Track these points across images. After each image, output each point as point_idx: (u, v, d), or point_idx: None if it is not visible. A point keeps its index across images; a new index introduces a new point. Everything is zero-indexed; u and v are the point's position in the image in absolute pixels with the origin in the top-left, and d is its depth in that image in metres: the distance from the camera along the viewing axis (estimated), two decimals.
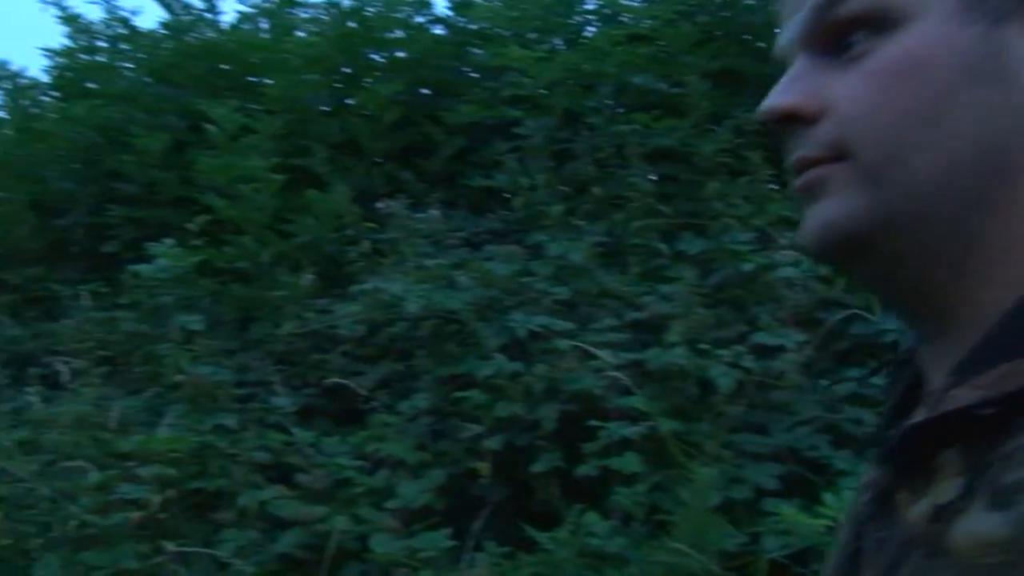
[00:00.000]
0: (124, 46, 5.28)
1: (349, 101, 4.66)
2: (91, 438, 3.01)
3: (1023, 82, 0.54)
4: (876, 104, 0.55)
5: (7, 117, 5.57)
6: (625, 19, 4.67)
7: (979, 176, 0.54)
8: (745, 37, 4.33)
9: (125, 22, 5.24)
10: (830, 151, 0.57)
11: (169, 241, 3.79)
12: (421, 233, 3.78)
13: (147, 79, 5.02)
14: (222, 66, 4.98)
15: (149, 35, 5.22)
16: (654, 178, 3.91)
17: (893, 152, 0.55)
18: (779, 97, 0.59)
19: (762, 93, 0.61)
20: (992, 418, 0.49)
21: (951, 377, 0.53)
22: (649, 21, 4.40)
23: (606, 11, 4.78)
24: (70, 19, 5.27)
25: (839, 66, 0.58)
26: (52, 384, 3.52)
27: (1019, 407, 0.48)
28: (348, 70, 4.81)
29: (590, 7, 4.78)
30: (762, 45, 4.25)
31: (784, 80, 0.60)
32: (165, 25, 5.20)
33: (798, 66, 0.59)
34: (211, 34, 5.20)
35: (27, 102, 5.45)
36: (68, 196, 4.73)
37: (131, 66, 5.21)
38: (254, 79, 4.82)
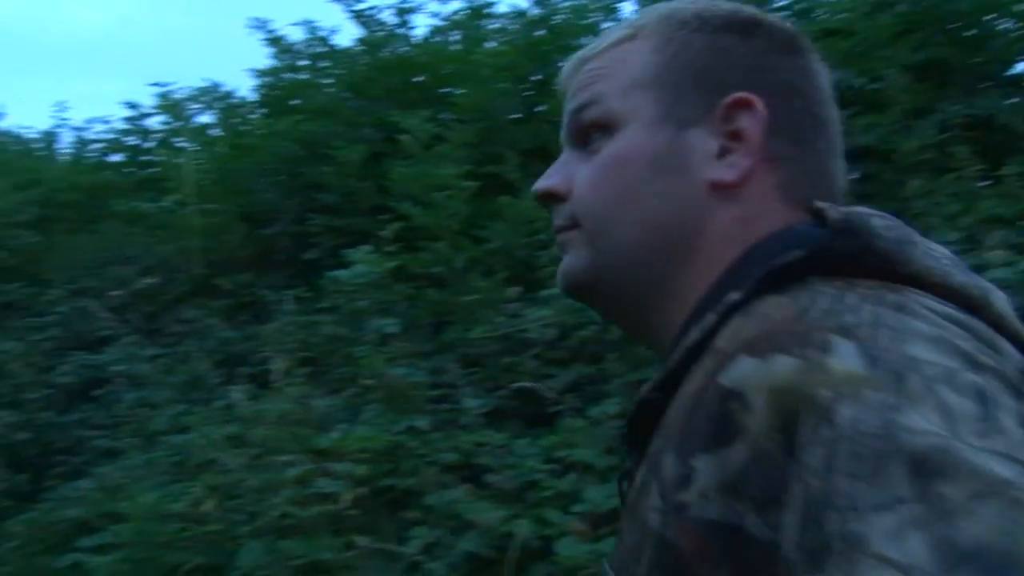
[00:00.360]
0: (324, 63, 5.54)
1: (539, 108, 4.71)
2: (293, 435, 3.16)
3: (695, 173, 0.72)
4: (594, 187, 0.75)
5: (220, 135, 5.96)
6: (819, 14, 4.51)
7: (663, 241, 0.72)
8: (950, 26, 4.08)
9: (324, 41, 5.50)
10: (569, 221, 0.77)
11: (366, 248, 3.92)
12: None
13: (345, 94, 5.25)
14: (415, 78, 5.15)
15: (346, 52, 5.46)
16: (855, 176, 3.75)
17: (602, 224, 0.74)
18: (543, 181, 0.78)
19: (970, 84, 0.60)
20: (658, 406, 0.66)
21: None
22: (844, 15, 4.22)
23: (799, 6, 4.62)
24: (274, 41, 5.58)
25: (585, 158, 0.77)
26: (260, 383, 3.72)
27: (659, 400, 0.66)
28: (537, 77, 4.86)
29: (782, 3, 4.64)
30: (970, 34, 4.00)
31: (552, 167, 0.79)
32: (361, 41, 5.42)
33: (562, 157, 0.79)
34: (404, 48, 5.38)
35: (237, 120, 5.81)
36: (274, 207, 5.00)
37: (330, 82, 5.46)
38: (446, 90, 4.95)
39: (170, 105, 6.43)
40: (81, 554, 3.19)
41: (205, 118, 6.32)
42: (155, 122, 6.72)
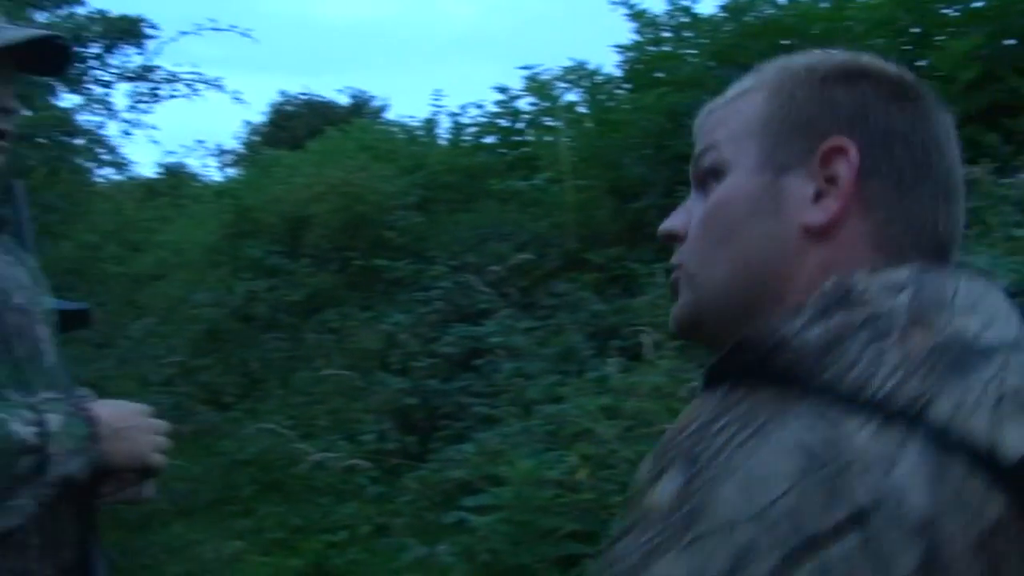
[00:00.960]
0: (687, 34, 5.47)
1: (920, 63, 4.33)
2: (666, 407, 3.14)
3: (791, 217, 0.72)
4: (698, 230, 0.77)
5: (587, 112, 6.08)
6: None
7: (754, 282, 0.73)
8: None
9: (687, 11, 5.43)
10: (679, 261, 0.79)
11: None
12: (1009, 200, 3.37)
13: (710, 63, 5.14)
14: (783, 41, 4.92)
15: (710, 20, 5.35)
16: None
17: (701, 265, 0.76)
18: (667, 222, 0.81)
19: None
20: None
21: None
22: None
23: None
24: (637, 15, 5.59)
25: (703, 201, 0.78)
26: (632, 355, 3.74)
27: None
28: (917, 29, 4.48)
29: None
30: None
31: (678, 208, 0.81)
32: (725, 8, 5.28)
33: (689, 199, 0.80)
34: (770, 11, 5.17)
35: (603, 96, 5.89)
36: (642, 180, 5.02)
37: (694, 52, 5.38)
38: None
39: (538, 86, 6.67)
40: (465, 512, 3.38)
41: (572, 97, 6.50)
42: (525, 104, 7.02)
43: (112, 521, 1.77)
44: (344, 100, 18.59)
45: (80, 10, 4.42)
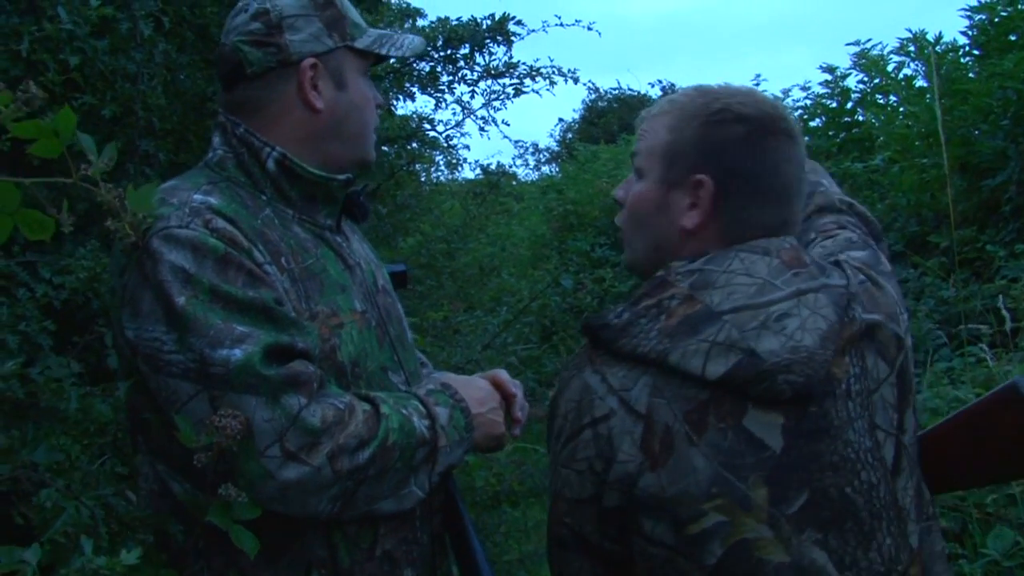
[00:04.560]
0: None
1: None
2: None
3: (674, 219, 1.19)
4: (628, 210, 1.26)
5: (927, 84, 5.67)
6: None
7: (656, 257, 1.21)
8: None
9: None
10: (620, 224, 1.30)
11: None
12: None
13: None
14: None
15: None
16: None
17: (628, 238, 1.27)
18: (617, 189, 1.30)
19: None
20: None
21: None
22: None
23: None
24: None
25: (635, 183, 1.25)
26: (996, 343, 3.44)
27: None
28: None
29: None
30: None
31: (623, 183, 1.29)
32: None
33: (629, 175, 1.29)
34: None
35: (948, 66, 5.46)
36: (997, 154, 4.61)
37: None
38: None
39: (870, 63, 6.32)
40: None
41: (907, 70, 6.09)
42: (854, 82, 6.67)
43: (466, 499, 1.86)
44: (655, 93, 18.63)
45: (422, 21, 4.73)
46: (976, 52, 5.31)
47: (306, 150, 1.36)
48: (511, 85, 3.88)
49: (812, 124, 6.93)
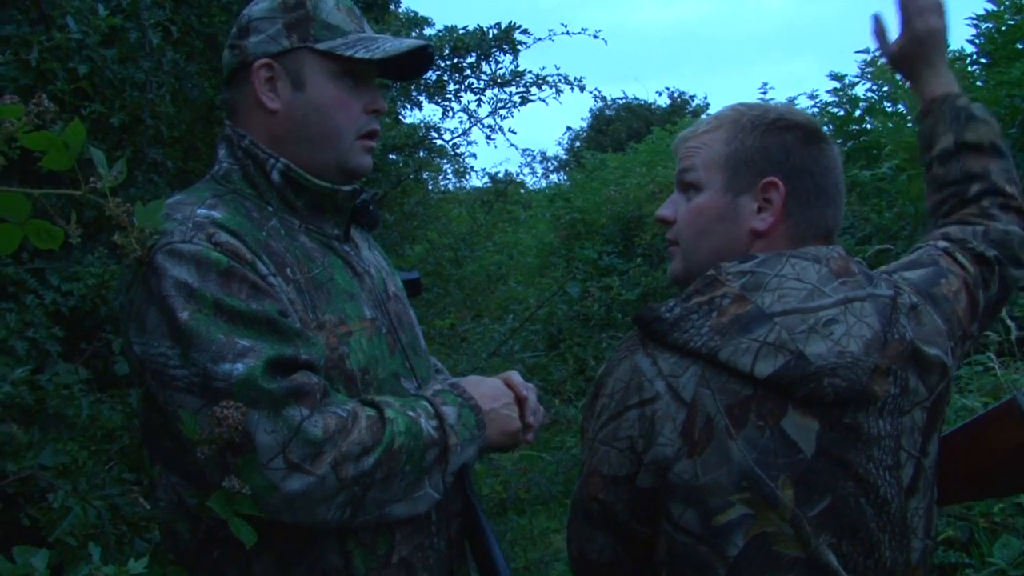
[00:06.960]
0: None
1: None
2: None
3: (743, 223, 1.27)
4: (686, 222, 1.31)
5: None
6: None
7: (719, 259, 1.25)
8: None
9: None
10: (674, 238, 1.34)
11: None
12: None
13: None
14: None
15: None
16: None
17: (689, 246, 1.31)
18: (662, 211, 1.36)
19: None
20: None
21: None
22: None
23: None
24: None
25: (685, 201, 1.32)
26: (1006, 351, 3.42)
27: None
28: None
29: None
30: None
31: (667, 200, 1.36)
32: None
33: (674, 195, 1.35)
34: None
35: (955, 74, 5.45)
36: None
37: None
38: None
39: (878, 71, 6.32)
40: None
41: None
42: (861, 90, 6.66)
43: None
44: (663, 102, 18.63)
45: (429, 30, 4.74)
46: (983, 60, 5.31)
47: (276, 152, 1.35)
48: (517, 93, 3.90)
49: None
